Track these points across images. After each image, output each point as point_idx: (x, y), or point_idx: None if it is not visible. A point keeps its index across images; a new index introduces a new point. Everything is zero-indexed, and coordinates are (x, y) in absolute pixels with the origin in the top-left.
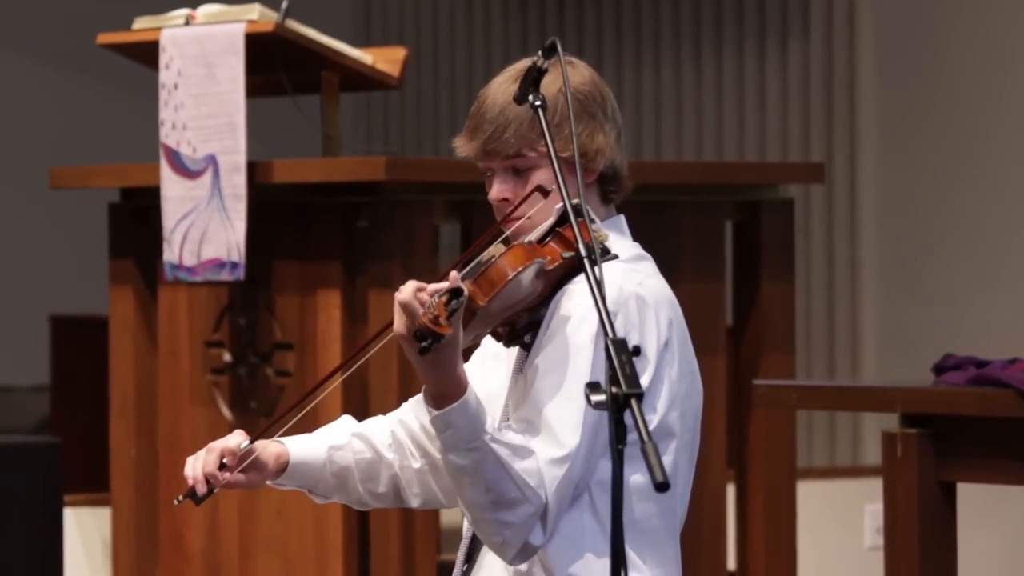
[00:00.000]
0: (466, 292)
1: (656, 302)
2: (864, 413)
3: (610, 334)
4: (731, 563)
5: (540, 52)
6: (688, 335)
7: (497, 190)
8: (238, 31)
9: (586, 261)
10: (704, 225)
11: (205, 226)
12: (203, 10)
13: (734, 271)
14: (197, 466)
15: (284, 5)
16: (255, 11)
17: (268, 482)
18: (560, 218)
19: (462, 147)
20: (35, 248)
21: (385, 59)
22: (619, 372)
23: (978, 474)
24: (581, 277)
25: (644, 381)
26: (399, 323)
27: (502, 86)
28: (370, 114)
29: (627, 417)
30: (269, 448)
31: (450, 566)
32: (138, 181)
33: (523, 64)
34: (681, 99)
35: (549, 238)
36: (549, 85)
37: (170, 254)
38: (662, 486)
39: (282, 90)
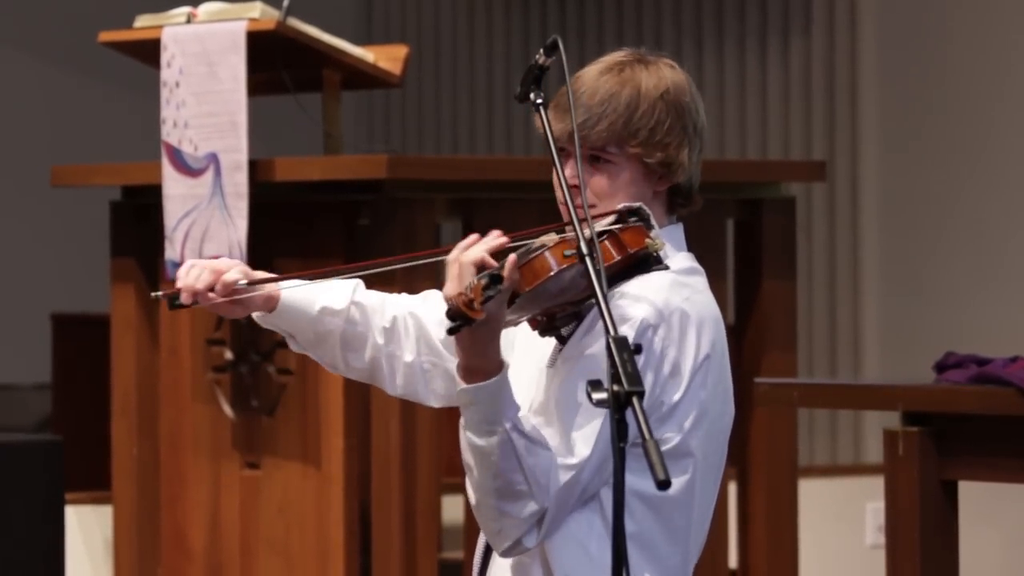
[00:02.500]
0: (507, 277)
1: (701, 319)
2: (866, 411)
3: (611, 332)
4: (732, 561)
5: (542, 50)
6: (727, 357)
7: (571, 174)
8: (239, 29)
9: (588, 259)
10: (705, 223)
11: (207, 224)
12: (204, 8)
13: (735, 269)
14: (192, 276)
15: (285, 3)
16: (256, 9)
17: (255, 316)
18: (619, 219)
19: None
20: (36, 246)
21: (387, 57)
22: (620, 370)
23: (979, 472)
24: (633, 281)
25: (675, 397)
26: (447, 288)
27: (601, 76)
28: (371, 112)
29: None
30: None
31: (451, 564)
32: (139, 179)
33: (618, 56)
34: None
35: (604, 237)
36: (650, 88)
37: (172, 252)
38: (664, 484)
39: (284, 88)
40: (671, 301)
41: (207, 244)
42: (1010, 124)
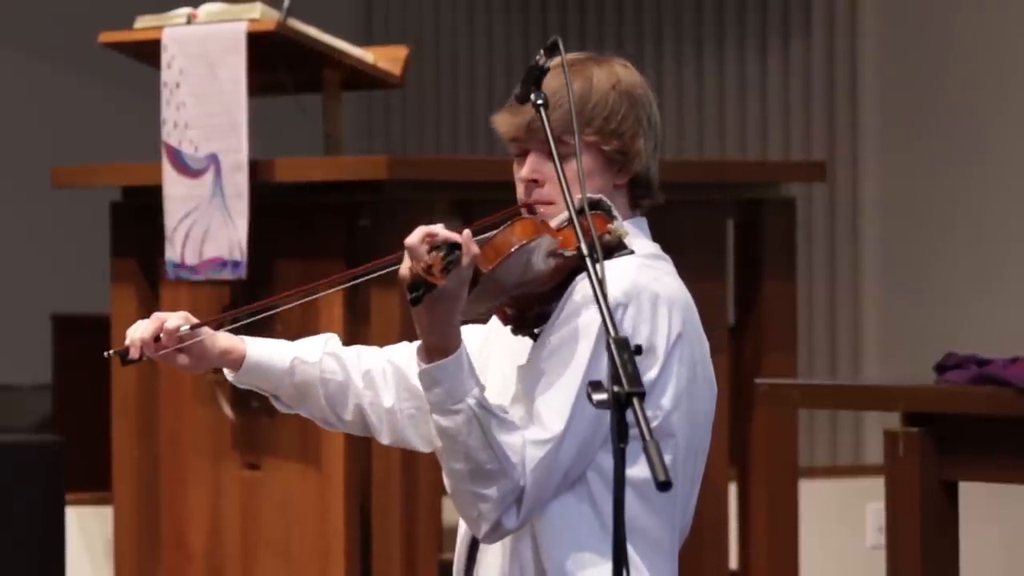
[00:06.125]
0: (464, 248)
1: (670, 299)
2: (866, 412)
3: (612, 332)
4: (733, 562)
5: (542, 51)
6: (704, 338)
7: (529, 170)
8: (240, 30)
9: (587, 259)
10: (706, 224)
11: (207, 225)
12: (205, 9)
13: (736, 270)
14: (138, 330)
15: (286, 4)
16: (257, 10)
17: (229, 377)
18: (581, 208)
19: (502, 122)
20: (37, 247)
21: (387, 58)
22: (621, 371)
23: (980, 473)
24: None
25: (650, 376)
26: (403, 266)
27: (552, 72)
28: (371, 113)
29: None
30: (218, 340)
31: (452, 565)
32: (140, 180)
33: (570, 56)
34: (683, 97)
35: (567, 225)
36: (602, 80)
37: (172, 253)
38: (664, 485)
39: (284, 89)
40: (639, 281)
41: (207, 245)
42: (1011, 124)
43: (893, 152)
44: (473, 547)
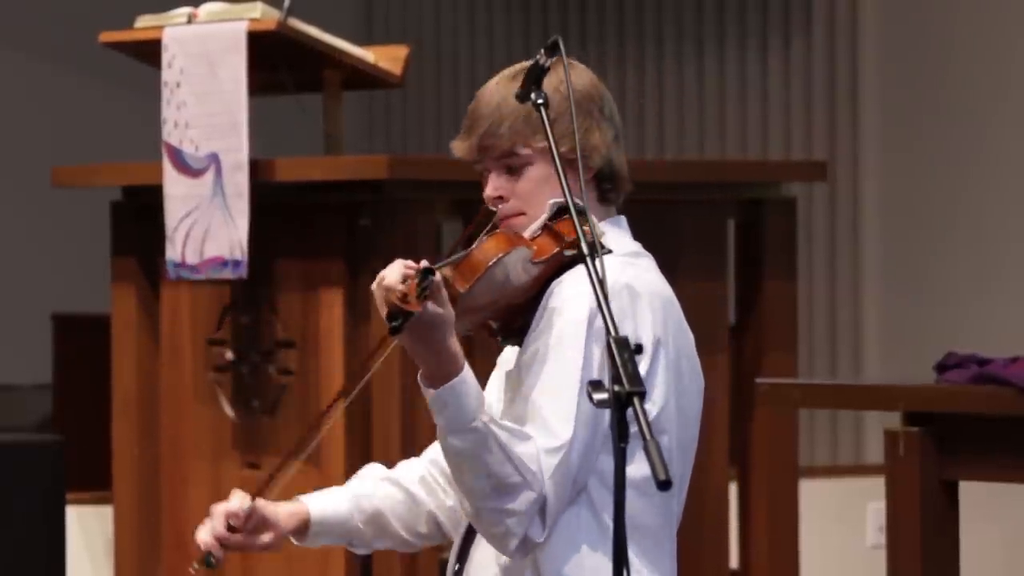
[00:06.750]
0: (437, 274)
1: (651, 294)
2: (866, 411)
3: (612, 332)
4: (733, 562)
5: (542, 50)
6: (688, 332)
7: (492, 188)
8: (240, 29)
9: (587, 258)
10: (706, 223)
11: (208, 224)
12: (205, 8)
13: (736, 270)
14: (205, 532)
15: (286, 3)
16: (257, 9)
17: (295, 542)
18: (553, 213)
19: (458, 147)
20: (37, 247)
21: (387, 57)
22: (621, 371)
23: (980, 472)
24: (574, 269)
25: (640, 372)
26: (377, 299)
27: (498, 85)
28: (372, 112)
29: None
30: (280, 507)
31: None
32: (140, 179)
33: (520, 65)
34: (683, 97)
35: (540, 232)
36: (548, 83)
37: (172, 252)
38: (664, 484)
39: (284, 88)
40: (618, 279)
41: (208, 244)
42: (1010, 124)
43: (893, 152)
44: (466, 545)
